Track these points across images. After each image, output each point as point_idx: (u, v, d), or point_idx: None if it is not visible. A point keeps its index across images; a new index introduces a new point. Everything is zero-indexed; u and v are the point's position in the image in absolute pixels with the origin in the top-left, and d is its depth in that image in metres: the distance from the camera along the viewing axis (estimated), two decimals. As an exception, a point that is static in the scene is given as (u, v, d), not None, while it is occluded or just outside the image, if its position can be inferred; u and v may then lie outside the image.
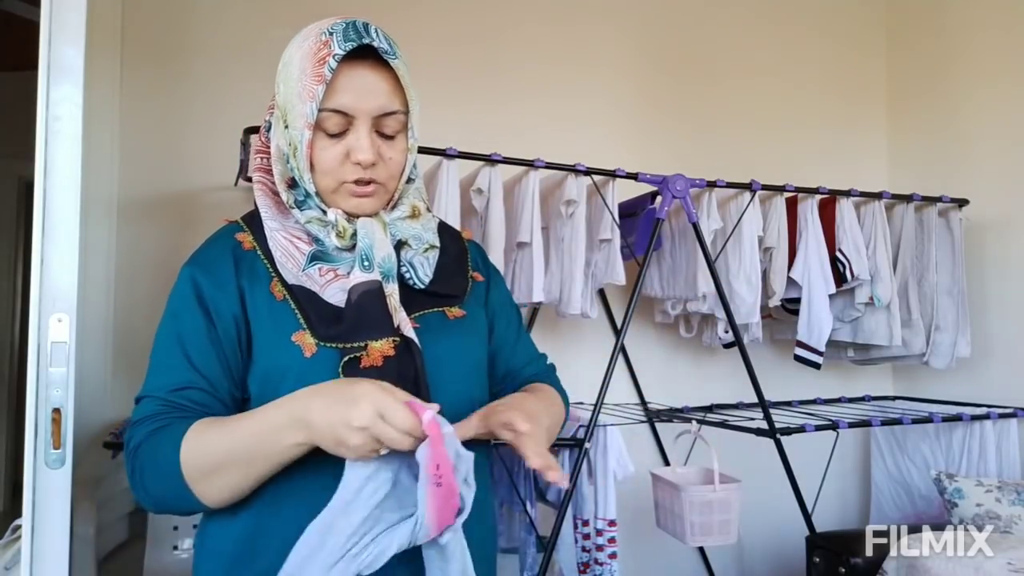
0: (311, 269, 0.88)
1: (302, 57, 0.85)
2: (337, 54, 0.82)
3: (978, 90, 2.65)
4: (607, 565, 1.92)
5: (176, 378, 0.84)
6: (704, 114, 2.83)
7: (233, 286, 0.87)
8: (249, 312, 0.87)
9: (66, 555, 1.24)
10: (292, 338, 0.84)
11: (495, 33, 2.59)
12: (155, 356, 0.87)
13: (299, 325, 0.85)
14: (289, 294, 0.87)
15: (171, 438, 0.80)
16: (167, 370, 0.85)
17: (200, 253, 0.92)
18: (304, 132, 0.85)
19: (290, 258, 0.89)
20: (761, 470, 2.23)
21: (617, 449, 1.94)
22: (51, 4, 1.26)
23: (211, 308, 0.86)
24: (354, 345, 0.84)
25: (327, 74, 0.83)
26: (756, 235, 2.25)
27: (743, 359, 2.07)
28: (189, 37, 2.27)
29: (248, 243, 0.91)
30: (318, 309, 0.86)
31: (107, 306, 2.11)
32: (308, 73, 0.84)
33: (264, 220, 0.91)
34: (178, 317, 0.87)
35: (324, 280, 0.88)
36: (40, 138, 1.25)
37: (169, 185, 2.22)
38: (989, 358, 2.55)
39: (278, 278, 0.88)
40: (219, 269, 0.88)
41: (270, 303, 0.87)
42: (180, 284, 0.88)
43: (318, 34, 0.85)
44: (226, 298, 0.87)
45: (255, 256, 0.90)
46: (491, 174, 1.98)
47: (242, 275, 0.88)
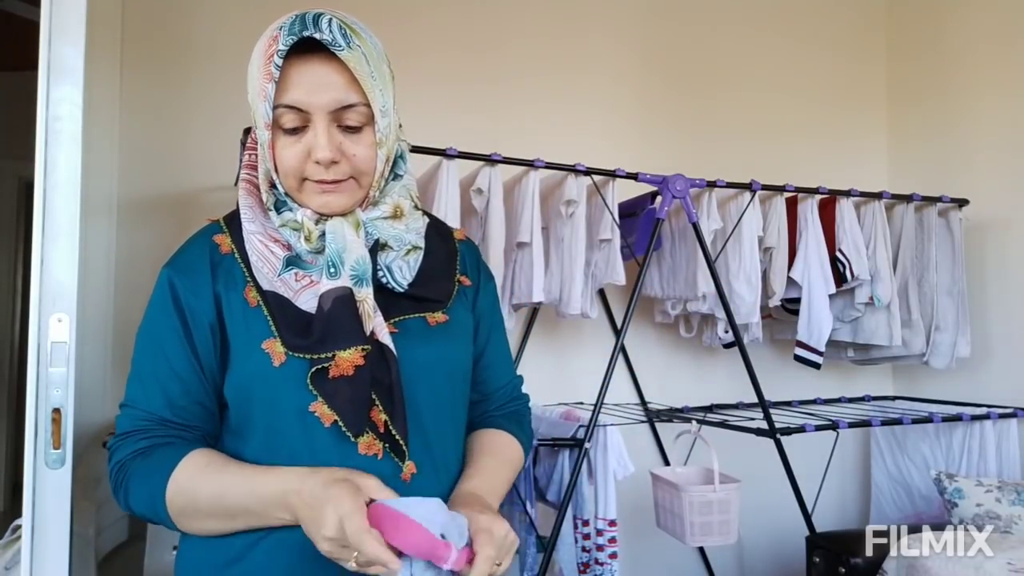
0: (287, 275, 0.85)
1: (257, 55, 0.83)
2: (280, 50, 0.79)
3: (978, 91, 2.65)
4: (607, 565, 1.92)
5: (157, 388, 0.84)
6: (704, 116, 2.83)
7: (209, 292, 0.86)
8: (225, 318, 0.85)
9: (66, 555, 1.24)
10: (262, 346, 0.82)
11: (497, 36, 2.59)
12: (136, 362, 0.87)
13: (270, 333, 0.83)
14: (263, 300, 0.85)
15: (159, 469, 0.80)
16: (148, 379, 0.85)
17: (179, 256, 0.89)
18: (263, 132, 0.83)
19: (266, 263, 0.86)
20: (761, 470, 2.23)
21: (617, 449, 1.94)
22: (51, 4, 1.26)
23: (188, 314, 0.85)
24: (323, 356, 0.80)
25: (275, 71, 0.80)
26: (756, 235, 2.25)
27: (743, 359, 2.07)
28: (189, 37, 2.27)
29: (226, 246, 0.89)
30: (290, 317, 0.83)
31: (107, 306, 2.11)
32: (261, 71, 0.81)
33: (243, 222, 0.88)
34: (157, 322, 0.86)
35: (299, 286, 0.85)
36: (40, 138, 1.25)
37: (169, 185, 2.22)
38: (989, 358, 2.55)
39: (253, 283, 0.86)
40: (196, 274, 0.86)
41: (244, 309, 0.85)
42: (159, 288, 0.87)
43: (272, 30, 0.81)
44: (202, 304, 0.85)
45: (232, 260, 0.88)
46: (491, 174, 1.98)
47: (218, 280, 0.86)
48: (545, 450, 2.01)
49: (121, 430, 0.85)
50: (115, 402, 2.08)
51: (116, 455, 0.84)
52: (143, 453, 0.82)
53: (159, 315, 0.86)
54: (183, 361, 0.84)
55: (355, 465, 0.80)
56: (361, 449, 0.82)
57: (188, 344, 0.84)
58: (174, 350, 0.84)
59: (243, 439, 0.86)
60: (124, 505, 0.83)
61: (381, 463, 0.82)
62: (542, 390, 2.51)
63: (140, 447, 0.82)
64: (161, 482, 0.79)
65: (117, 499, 0.84)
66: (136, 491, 0.82)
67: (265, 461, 0.83)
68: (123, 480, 0.82)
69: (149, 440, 0.83)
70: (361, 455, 0.82)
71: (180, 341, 0.84)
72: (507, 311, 2.10)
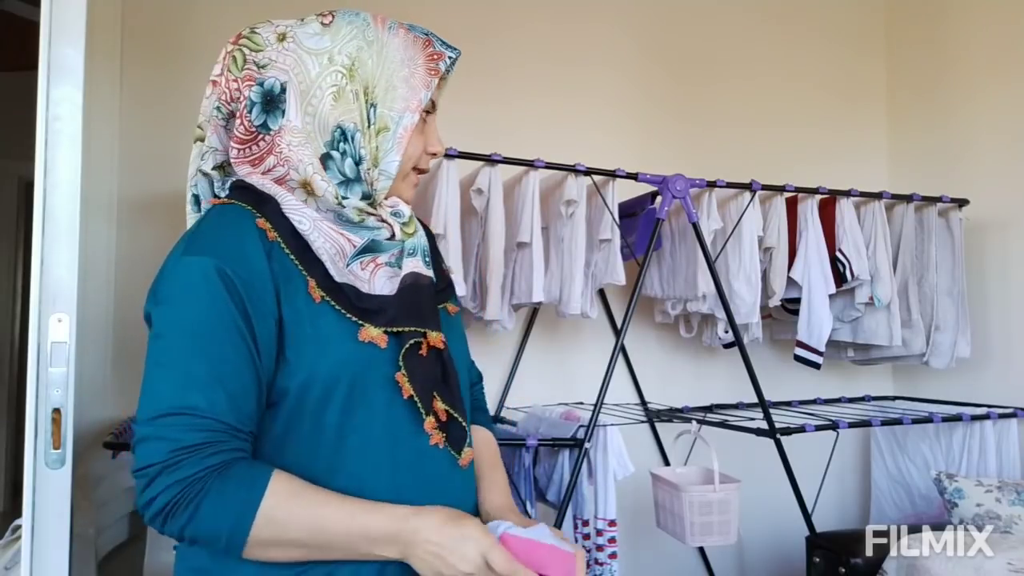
0: (354, 264, 0.85)
1: (404, 45, 0.87)
2: (451, 56, 0.90)
3: (978, 90, 2.65)
4: (607, 565, 1.92)
5: (221, 392, 0.75)
6: (704, 114, 2.83)
7: (270, 284, 0.79)
8: (285, 313, 0.79)
9: (66, 555, 1.24)
10: (359, 337, 0.80)
11: (495, 33, 2.59)
12: (182, 364, 0.75)
13: (355, 323, 0.81)
14: (329, 294, 0.81)
15: (246, 493, 0.74)
16: (208, 382, 0.75)
17: (220, 242, 0.79)
18: (411, 116, 0.87)
19: (340, 252, 0.84)
20: (761, 470, 2.23)
21: (617, 449, 1.94)
22: (51, 4, 1.26)
23: (250, 308, 0.77)
24: (417, 330, 0.84)
25: (443, 69, 0.88)
26: (756, 235, 2.25)
27: (743, 359, 2.07)
28: (189, 37, 2.26)
29: (272, 234, 0.82)
30: (366, 302, 0.83)
31: (107, 306, 2.11)
32: (419, 63, 0.87)
33: (294, 209, 0.83)
34: (207, 318, 0.76)
35: (367, 272, 0.85)
36: (40, 138, 1.25)
37: (169, 185, 2.22)
38: (989, 358, 2.55)
39: (316, 276, 0.81)
40: (251, 262, 0.78)
41: (309, 304, 0.80)
42: (203, 279, 0.76)
43: (407, 30, 0.89)
44: (265, 297, 0.78)
45: (279, 249, 0.81)
46: (491, 174, 1.98)
47: (275, 270, 0.80)
48: (545, 450, 2.01)
49: (186, 443, 0.73)
50: (115, 402, 2.08)
51: (183, 470, 0.72)
52: (218, 471, 0.74)
53: (208, 310, 0.76)
54: (244, 361, 0.76)
55: (423, 441, 0.84)
56: (427, 427, 0.84)
57: (249, 342, 0.77)
58: (234, 349, 0.76)
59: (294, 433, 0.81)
60: (178, 526, 0.73)
61: (443, 450, 0.86)
62: (542, 390, 2.51)
63: (213, 463, 0.73)
64: (250, 509, 0.73)
65: (173, 513, 0.73)
66: (210, 514, 0.73)
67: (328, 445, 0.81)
68: (193, 499, 0.72)
69: (221, 455, 0.74)
70: (426, 434, 0.84)
71: (240, 338, 0.76)
72: (507, 311, 2.10)
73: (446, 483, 0.86)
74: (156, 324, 0.78)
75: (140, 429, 0.75)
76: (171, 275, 0.78)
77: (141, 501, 0.74)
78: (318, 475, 0.79)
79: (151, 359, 0.77)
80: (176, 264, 0.78)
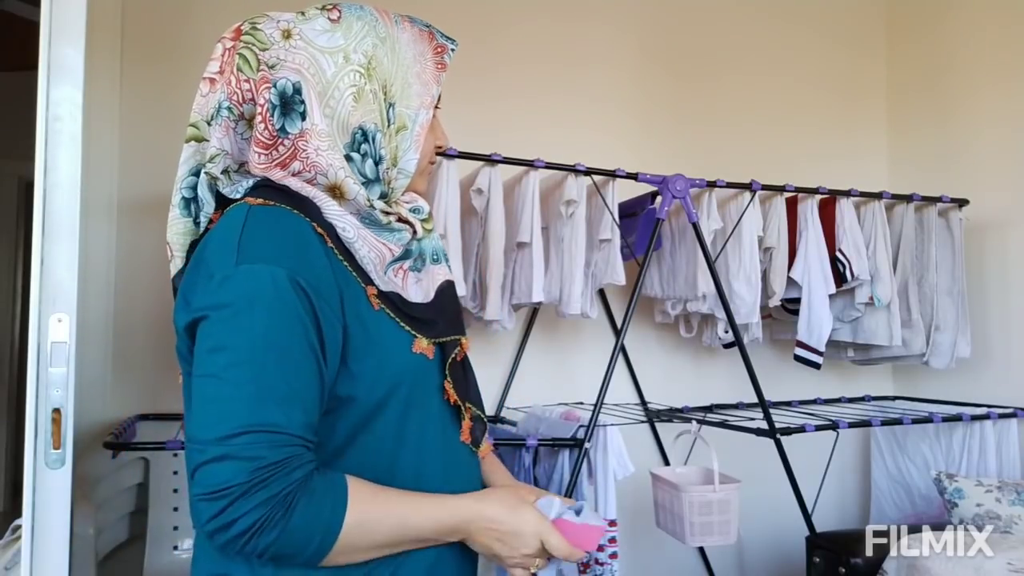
0: (389, 271, 0.85)
1: (412, 41, 0.87)
2: (452, 48, 0.90)
3: (978, 90, 2.65)
4: (607, 565, 1.92)
5: (299, 408, 0.73)
6: (704, 114, 2.83)
7: (336, 293, 0.77)
8: (349, 322, 0.78)
9: (66, 555, 1.24)
10: (413, 349, 0.83)
11: (494, 33, 2.59)
12: (258, 378, 0.72)
13: (409, 333, 0.83)
14: (383, 301, 0.82)
15: (330, 502, 0.74)
16: (287, 398, 0.73)
17: (285, 249, 0.75)
18: (426, 113, 0.87)
19: (380, 259, 0.83)
20: (761, 470, 2.23)
21: (617, 449, 1.94)
22: (51, 4, 1.25)
23: (323, 320, 0.75)
24: (454, 339, 0.89)
25: (448, 62, 0.89)
26: (756, 235, 2.25)
27: (743, 359, 2.07)
28: (189, 37, 2.26)
29: (328, 240, 0.80)
30: (413, 310, 0.85)
31: (107, 306, 2.11)
32: (428, 58, 0.88)
33: (338, 216, 0.81)
34: (282, 330, 0.73)
35: (400, 278, 0.86)
36: (40, 138, 1.25)
37: (169, 185, 2.18)
38: (989, 358, 2.55)
39: (371, 284, 0.82)
40: (320, 270, 0.76)
41: (370, 312, 0.80)
42: (277, 290, 0.73)
43: (410, 23, 0.89)
44: (334, 308, 0.77)
45: (335, 255, 0.80)
46: (491, 174, 1.98)
47: (339, 279, 0.79)
48: (545, 450, 2.01)
49: (269, 460, 0.70)
50: (115, 402, 2.09)
51: (270, 488, 0.70)
52: (302, 485, 0.72)
53: (281, 321, 0.72)
54: (314, 373, 0.75)
55: (457, 438, 0.90)
56: (465, 428, 0.90)
57: (318, 352, 0.75)
58: (305, 361, 0.74)
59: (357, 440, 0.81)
60: (264, 544, 0.71)
61: (467, 444, 0.91)
62: (542, 390, 2.51)
63: (297, 478, 0.72)
64: (337, 518, 0.74)
65: (254, 536, 0.70)
66: (301, 528, 0.72)
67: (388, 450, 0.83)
68: (283, 516, 0.71)
69: (302, 468, 0.73)
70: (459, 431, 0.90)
71: (310, 350, 0.74)
72: (507, 311, 2.10)
73: (472, 471, 0.93)
74: (217, 336, 0.73)
75: (209, 449, 0.70)
76: (233, 284, 0.73)
77: (215, 524, 0.69)
78: (379, 476, 0.81)
79: (211, 373, 0.72)
80: (236, 272, 0.73)
